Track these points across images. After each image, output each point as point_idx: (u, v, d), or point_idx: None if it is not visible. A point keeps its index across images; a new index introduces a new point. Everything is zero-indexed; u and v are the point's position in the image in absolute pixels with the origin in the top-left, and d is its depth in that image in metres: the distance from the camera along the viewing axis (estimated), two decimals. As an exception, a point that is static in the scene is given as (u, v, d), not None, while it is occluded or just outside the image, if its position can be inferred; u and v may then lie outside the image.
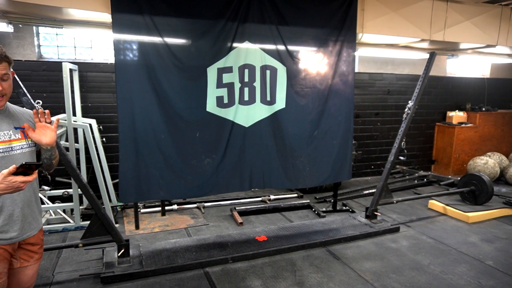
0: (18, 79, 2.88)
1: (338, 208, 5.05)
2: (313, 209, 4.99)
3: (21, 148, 1.78)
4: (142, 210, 4.76)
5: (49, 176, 3.33)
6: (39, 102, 2.98)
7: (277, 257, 3.61)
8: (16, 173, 1.52)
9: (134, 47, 3.31)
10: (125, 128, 3.30)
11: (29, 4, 3.12)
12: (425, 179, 6.49)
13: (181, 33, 3.44)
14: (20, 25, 3.77)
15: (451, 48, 5.03)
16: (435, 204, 5.11)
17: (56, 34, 5.02)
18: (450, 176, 6.57)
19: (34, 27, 4.76)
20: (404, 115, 4.49)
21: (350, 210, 5.00)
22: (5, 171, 1.52)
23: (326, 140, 4.17)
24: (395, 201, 4.54)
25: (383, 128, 6.98)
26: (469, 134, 7.08)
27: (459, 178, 5.44)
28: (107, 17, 3.35)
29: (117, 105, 3.25)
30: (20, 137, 1.78)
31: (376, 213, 4.42)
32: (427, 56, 4.77)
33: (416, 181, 6.43)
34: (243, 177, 3.85)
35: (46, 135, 1.80)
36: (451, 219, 4.76)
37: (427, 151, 7.49)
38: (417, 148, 7.34)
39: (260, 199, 5.33)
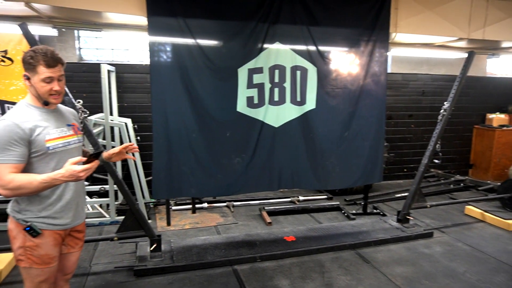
0: (61, 79, 3.07)
1: (368, 211, 4.95)
2: (343, 211, 4.92)
3: (74, 143, 1.96)
4: (174, 207, 4.89)
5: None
6: (79, 102, 3.14)
7: (305, 257, 3.60)
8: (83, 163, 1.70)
9: (168, 48, 3.41)
10: (158, 127, 3.41)
11: (72, 9, 3.30)
12: (462, 184, 6.22)
13: (213, 34, 3.51)
14: (63, 29, 3.98)
15: (492, 47, 4.81)
16: (473, 210, 4.89)
17: (95, 37, 5.27)
18: (489, 182, 6.26)
19: (75, 31, 5.02)
20: (440, 117, 4.34)
21: (381, 213, 4.89)
22: (73, 160, 1.69)
23: (357, 141, 4.10)
24: (428, 206, 4.40)
25: (417, 130, 6.77)
26: (511, 137, 6.72)
27: (499, 184, 5.18)
28: (142, 20, 3.48)
29: (151, 105, 3.37)
30: (72, 133, 1.96)
31: (408, 217, 4.30)
32: (465, 55, 4.59)
33: (452, 186, 6.18)
34: (272, 177, 3.86)
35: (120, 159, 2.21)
36: (489, 226, 4.55)
37: (464, 154, 7.18)
38: (453, 152, 7.05)
39: (289, 199, 5.33)
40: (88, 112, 3.12)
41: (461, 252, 3.78)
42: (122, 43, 5.41)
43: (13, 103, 4.71)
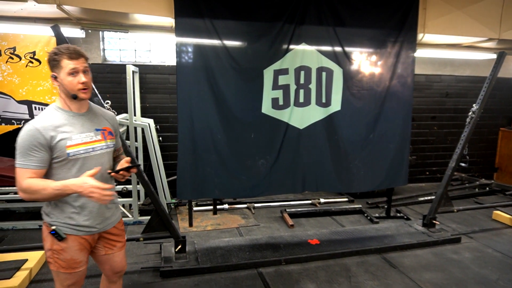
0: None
1: (391, 214, 4.86)
2: (365, 215, 4.85)
3: (101, 149, 1.90)
4: (194, 208, 4.90)
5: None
6: (108, 102, 3.17)
7: (331, 261, 3.55)
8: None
9: (194, 49, 3.42)
10: (184, 127, 3.41)
11: (100, 11, 3.34)
12: (487, 188, 6.06)
13: (239, 35, 3.51)
14: (90, 31, 4.03)
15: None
16: (501, 215, 4.75)
17: (119, 38, 5.33)
18: (516, 186, 6.09)
19: (100, 33, 5.08)
20: (468, 119, 4.24)
21: (405, 217, 4.80)
22: (90, 173, 1.68)
23: (382, 143, 4.04)
24: (455, 210, 4.29)
25: (440, 132, 6.63)
26: (539, 140, 6.52)
27: (528, 188, 5.03)
28: (168, 21, 3.50)
29: (177, 105, 3.38)
30: (100, 138, 1.90)
31: (434, 221, 4.20)
32: (492, 56, 4.47)
33: (477, 190, 6.03)
34: (296, 179, 3.83)
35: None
36: (519, 232, 4.42)
37: (489, 158, 7.00)
38: (477, 155, 6.87)
39: (309, 202, 5.28)
40: (116, 113, 3.14)
41: (492, 258, 3.67)
42: (144, 44, 5.46)
43: (41, 104, 4.80)
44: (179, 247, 3.44)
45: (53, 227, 1.79)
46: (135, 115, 4.87)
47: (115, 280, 2.21)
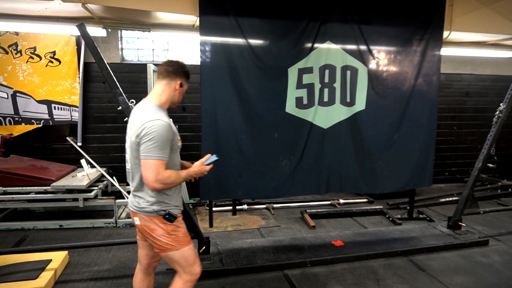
0: (115, 79, 3.07)
1: (413, 216, 4.77)
2: (387, 216, 4.76)
3: (179, 147, 2.15)
4: (213, 209, 4.85)
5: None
6: (133, 102, 3.13)
7: (356, 263, 3.48)
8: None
9: (219, 48, 3.38)
10: (207, 127, 3.37)
11: (123, 9, 3.32)
12: (510, 189, 5.92)
13: (263, 34, 3.46)
14: (109, 30, 4.00)
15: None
16: (527, 217, 4.64)
17: (137, 38, 5.31)
18: (539, 187, 5.95)
19: (118, 32, 5.07)
20: (495, 119, 4.13)
21: (428, 218, 4.71)
22: (203, 160, 2.13)
23: (407, 144, 3.96)
24: (481, 212, 4.19)
25: (460, 132, 6.51)
26: (561, 140, 6.36)
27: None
28: (190, 20, 3.46)
29: (201, 105, 3.34)
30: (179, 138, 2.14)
31: (460, 223, 4.10)
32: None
33: (499, 191, 5.90)
34: (320, 180, 3.77)
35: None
36: (547, 234, 4.30)
37: (510, 158, 6.86)
38: (498, 155, 6.72)
39: (328, 202, 5.21)
40: (142, 112, 3.12)
41: (522, 262, 3.58)
42: (162, 43, 5.43)
43: (60, 103, 4.81)
44: (203, 248, 3.39)
45: (166, 212, 2.03)
46: (154, 114, 4.84)
47: (150, 271, 2.36)
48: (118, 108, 3.17)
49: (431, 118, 4.00)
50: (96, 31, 3.63)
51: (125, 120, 3.15)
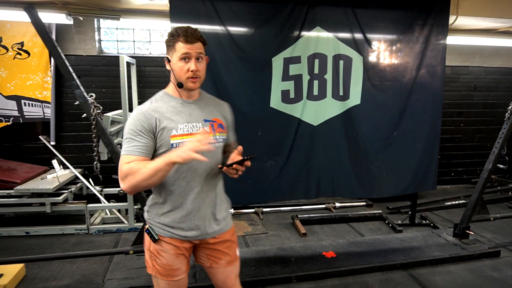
0: (71, 70, 2.69)
1: (416, 221, 4.35)
2: (386, 221, 4.35)
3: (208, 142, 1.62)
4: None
5: (100, 176, 3.13)
6: (92, 95, 2.75)
7: (349, 278, 3.08)
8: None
9: None
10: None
11: None
12: (522, 192, 5.48)
13: (243, 19, 3.06)
14: (81, 18, 3.62)
15: None
16: (542, 224, 4.20)
17: (116, 28, 4.92)
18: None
19: (95, 22, 4.69)
20: (507, 114, 3.68)
21: (431, 224, 4.29)
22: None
23: (408, 142, 3.54)
24: (492, 219, 3.76)
25: (467, 129, 6.06)
26: None
27: None
28: (165, 5, 3.07)
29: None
30: (208, 130, 1.66)
31: (468, 231, 3.68)
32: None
33: (510, 193, 5.44)
34: (309, 183, 3.37)
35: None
36: None
37: (521, 157, 6.39)
38: (509, 154, 6.27)
39: (323, 206, 4.80)
40: (101, 108, 2.73)
41: (539, 277, 3.15)
42: (144, 34, 5.04)
43: (31, 99, 4.44)
44: (175, 261, 3.00)
45: (147, 226, 1.68)
46: (131, 111, 4.46)
47: None
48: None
49: (435, 113, 3.58)
50: (60, 18, 3.26)
51: (83, 116, 2.79)
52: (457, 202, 5.00)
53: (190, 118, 1.63)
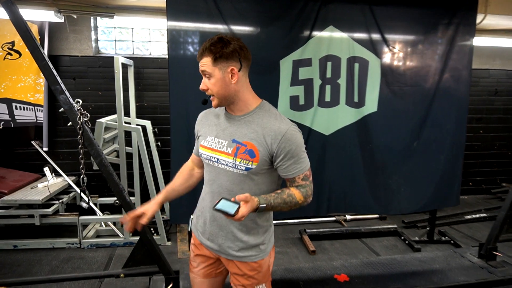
0: (56, 73, 2.40)
1: (434, 237, 4.00)
2: (402, 237, 4.01)
3: (224, 164, 1.49)
4: (198, 225, 4.18)
5: (86, 192, 2.80)
6: (78, 102, 2.46)
7: (364, 308, 2.76)
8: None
9: (193, 37, 2.73)
10: (177, 132, 2.71)
11: None
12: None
13: (249, 17, 2.77)
14: (75, 16, 3.35)
15: None
16: None
17: (114, 28, 4.65)
18: None
19: (92, 20, 4.41)
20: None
21: (452, 241, 3.94)
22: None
23: (429, 153, 3.22)
24: (521, 238, 3.41)
25: (486, 136, 5.69)
26: None
27: None
28: (163, 1, 2.78)
29: (169, 104, 2.66)
30: (229, 152, 1.47)
31: (495, 252, 3.34)
32: None
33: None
34: (320, 198, 3.07)
35: None
36: None
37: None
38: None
39: (333, 218, 4.48)
40: (88, 116, 2.43)
41: None
42: (144, 34, 4.76)
43: (22, 102, 4.17)
44: (171, 285, 2.71)
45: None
46: (128, 115, 4.19)
47: None
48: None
49: (460, 123, 3.26)
50: (48, 15, 2.99)
51: (68, 125, 2.50)
52: (477, 215, 4.64)
53: (221, 134, 1.51)
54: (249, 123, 1.46)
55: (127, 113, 4.16)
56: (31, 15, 2.92)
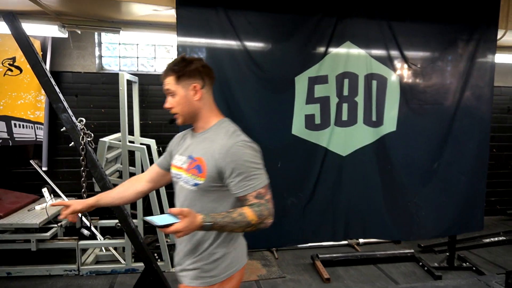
0: (58, 90, 2.25)
1: (454, 263, 3.78)
2: (420, 263, 3.79)
3: (183, 180, 1.47)
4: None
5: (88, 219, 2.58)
6: (82, 120, 2.30)
7: None
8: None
9: (203, 52, 2.59)
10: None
11: (84, 1, 2.57)
12: None
13: (263, 32, 2.67)
14: (79, 31, 3.23)
15: None
16: None
17: (119, 44, 4.53)
18: None
19: (96, 36, 4.30)
20: None
21: (474, 268, 3.72)
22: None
23: (451, 175, 3.08)
24: (550, 265, 3.20)
25: (500, 155, 5.52)
26: None
27: None
28: (172, 16, 2.66)
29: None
30: (185, 167, 1.46)
31: (524, 281, 3.12)
32: None
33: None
34: (336, 224, 2.90)
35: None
36: None
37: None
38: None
39: (346, 242, 4.26)
40: (92, 136, 2.27)
41: None
42: (148, 50, 4.64)
43: (22, 120, 4.00)
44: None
45: None
46: (132, 134, 4.02)
47: None
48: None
49: (482, 142, 3.13)
50: (52, 30, 2.86)
51: (70, 145, 2.33)
52: (496, 239, 4.43)
53: (184, 151, 1.52)
54: (205, 139, 1.47)
55: (131, 132, 4.00)
56: (35, 30, 2.80)
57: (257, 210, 1.32)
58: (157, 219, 1.21)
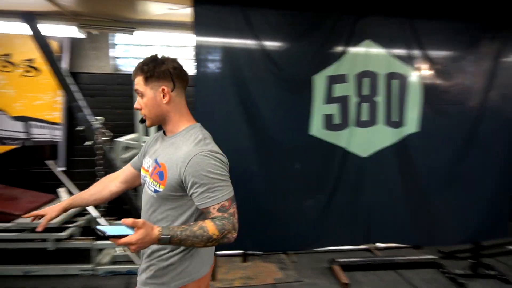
0: (74, 90, 2.25)
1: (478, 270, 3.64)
2: (442, 270, 3.65)
3: (147, 186, 1.43)
4: (219, 252, 3.90)
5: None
6: (98, 120, 2.29)
7: None
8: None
9: (221, 53, 2.57)
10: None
11: (100, 2, 2.57)
12: None
13: (280, 31, 2.63)
14: (94, 33, 3.25)
15: None
16: None
17: (133, 45, 4.55)
18: None
19: (110, 37, 4.32)
20: None
21: (498, 275, 3.57)
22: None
23: (475, 178, 2.97)
24: None
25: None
26: None
27: None
28: (187, 15, 2.64)
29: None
30: (150, 171, 1.41)
31: (553, 290, 2.98)
32: None
33: None
34: (357, 227, 2.83)
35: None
36: None
37: None
38: None
39: (364, 246, 4.14)
40: (110, 134, 2.26)
41: None
42: (164, 50, 4.64)
43: (39, 120, 4.05)
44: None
45: None
46: (147, 135, 4.01)
47: None
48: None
49: (509, 145, 2.98)
50: (70, 31, 2.87)
51: (85, 144, 2.32)
52: (520, 245, 4.25)
53: (153, 154, 1.46)
54: (172, 144, 1.40)
55: (145, 132, 3.99)
56: (55, 31, 2.82)
57: (219, 224, 1.23)
58: (109, 229, 1.11)
